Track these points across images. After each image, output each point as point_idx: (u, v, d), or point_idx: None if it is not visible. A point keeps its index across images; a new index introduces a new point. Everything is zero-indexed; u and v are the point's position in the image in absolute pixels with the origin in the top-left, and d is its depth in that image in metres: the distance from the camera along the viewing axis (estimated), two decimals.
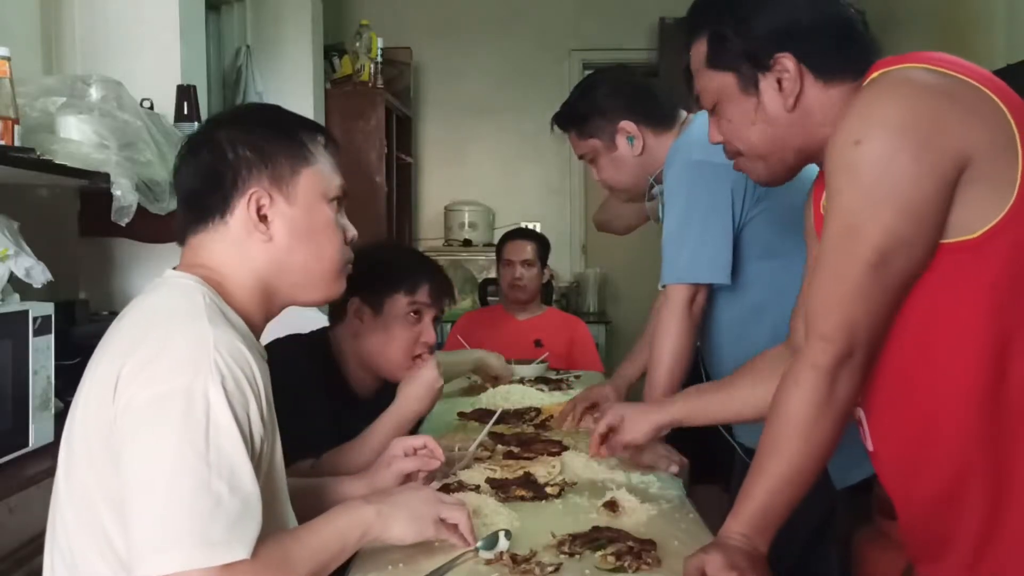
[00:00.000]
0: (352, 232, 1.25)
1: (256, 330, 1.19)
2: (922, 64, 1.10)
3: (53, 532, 1.13)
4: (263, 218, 1.16)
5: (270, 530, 1.04)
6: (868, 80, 1.13)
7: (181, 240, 1.22)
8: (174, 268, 1.20)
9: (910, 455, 1.15)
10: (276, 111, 1.28)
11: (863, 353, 1.11)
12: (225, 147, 1.17)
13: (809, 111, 1.20)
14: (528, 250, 3.36)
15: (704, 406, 1.58)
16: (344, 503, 1.23)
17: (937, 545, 1.16)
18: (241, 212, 1.16)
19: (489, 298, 4.60)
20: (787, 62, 1.19)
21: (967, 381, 1.07)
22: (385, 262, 1.84)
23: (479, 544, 1.29)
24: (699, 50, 1.27)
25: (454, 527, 1.27)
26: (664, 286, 1.84)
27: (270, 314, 1.22)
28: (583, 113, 1.98)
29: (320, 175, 1.21)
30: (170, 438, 0.97)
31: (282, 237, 1.17)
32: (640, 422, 1.62)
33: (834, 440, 1.13)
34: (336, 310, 1.86)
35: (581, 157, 2.06)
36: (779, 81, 1.20)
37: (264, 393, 1.08)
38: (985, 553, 1.10)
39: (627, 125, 1.93)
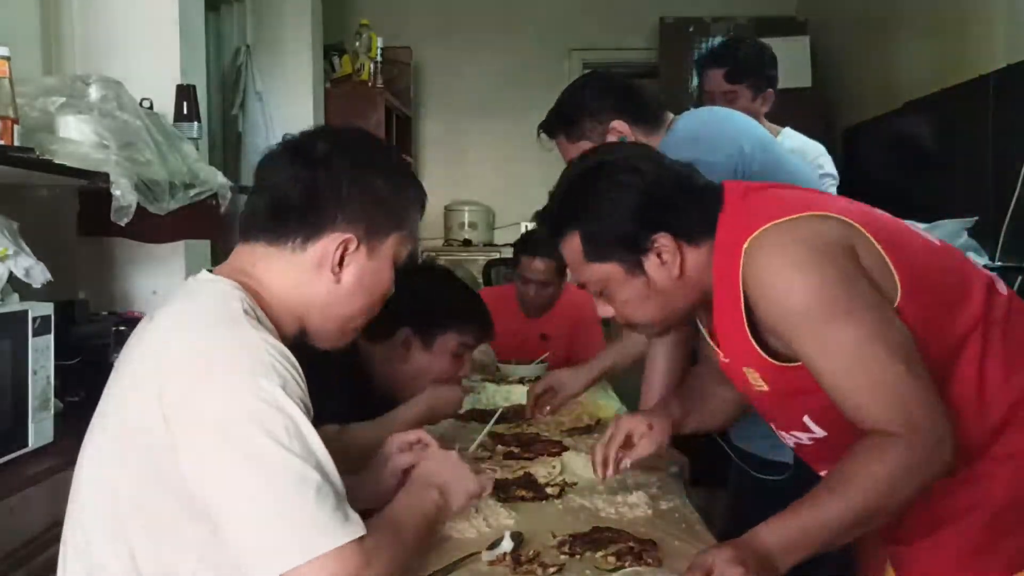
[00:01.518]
0: (392, 289, 1.25)
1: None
2: (777, 218, 1.20)
3: (73, 532, 1.12)
4: (341, 261, 1.15)
5: None
6: (755, 241, 1.20)
7: (246, 238, 1.19)
8: (211, 269, 1.18)
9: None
10: (395, 158, 1.28)
11: (954, 437, 1.14)
12: (342, 181, 1.15)
13: (689, 273, 1.29)
14: (549, 270, 3.22)
15: (702, 403, 1.59)
16: (408, 490, 1.26)
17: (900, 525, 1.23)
18: (324, 247, 1.14)
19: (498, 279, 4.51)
20: (663, 239, 1.27)
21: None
22: (440, 299, 1.90)
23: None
24: (572, 247, 1.33)
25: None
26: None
27: (291, 336, 1.21)
28: (572, 115, 1.95)
29: (403, 242, 1.21)
30: (254, 443, 0.98)
31: (348, 284, 1.16)
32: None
33: (903, 510, 1.16)
34: (378, 330, 1.81)
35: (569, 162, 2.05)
36: (659, 255, 1.28)
37: (305, 387, 1.09)
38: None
39: (618, 125, 1.90)
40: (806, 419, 1.28)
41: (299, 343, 1.22)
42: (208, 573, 1.03)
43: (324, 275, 1.15)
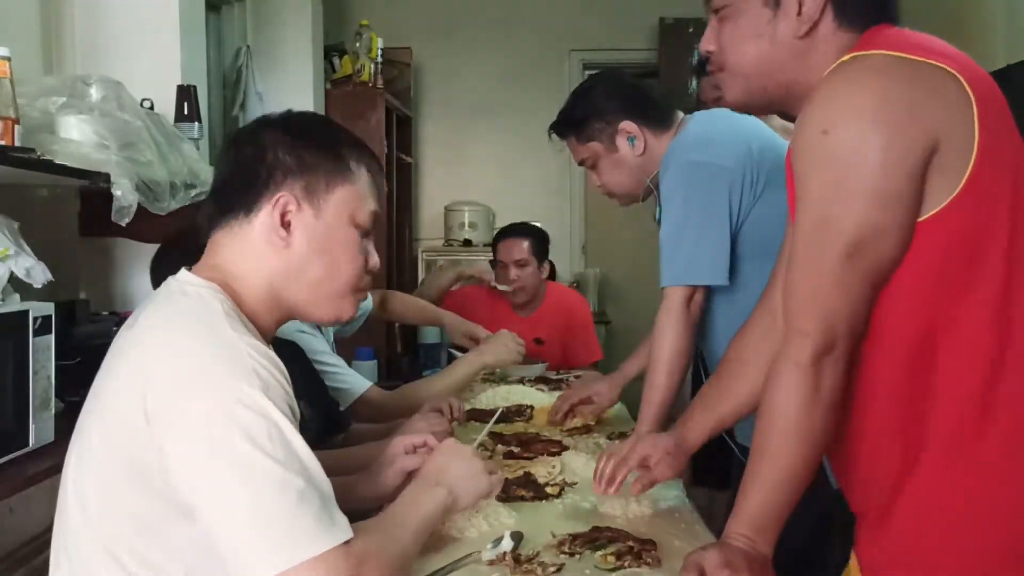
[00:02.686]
0: (374, 260, 1.24)
1: (266, 336, 1.18)
2: (891, 50, 1.08)
3: (61, 533, 1.13)
4: (286, 225, 1.15)
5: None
6: (836, 66, 1.10)
7: (206, 234, 1.21)
8: (189, 268, 1.19)
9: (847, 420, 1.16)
10: (328, 124, 1.27)
11: (845, 344, 1.09)
12: (267, 147, 1.17)
13: (813, 47, 1.16)
14: (522, 248, 3.22)
15: (712, 416, 1.53)
16: (415, 487, 1.27)
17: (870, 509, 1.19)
18: (266, 214, 1.15)
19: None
20: None
21: (896, 356, 1.09)
22: None
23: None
24: None
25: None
26: (663, 288, 1.84)
27: (279, 322, 1.22)
28: (582, 117, 1.97)
29: (354, 195, 1.20)
30: (236, 450, 0.98)
31: (300, 247, 1.16)
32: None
33: (825, 433, 1.12)
34: None
35: (581, 163, 2.05)
36: (800, 4, 1.15)
37: (290, 390, 1.09)
38: (893, 511, 1.13)
39: (628, 126, 1.92)
40: None
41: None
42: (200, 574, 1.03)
43: (274, 243, 1.15)
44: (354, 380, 2.15)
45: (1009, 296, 1.05)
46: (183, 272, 1.18)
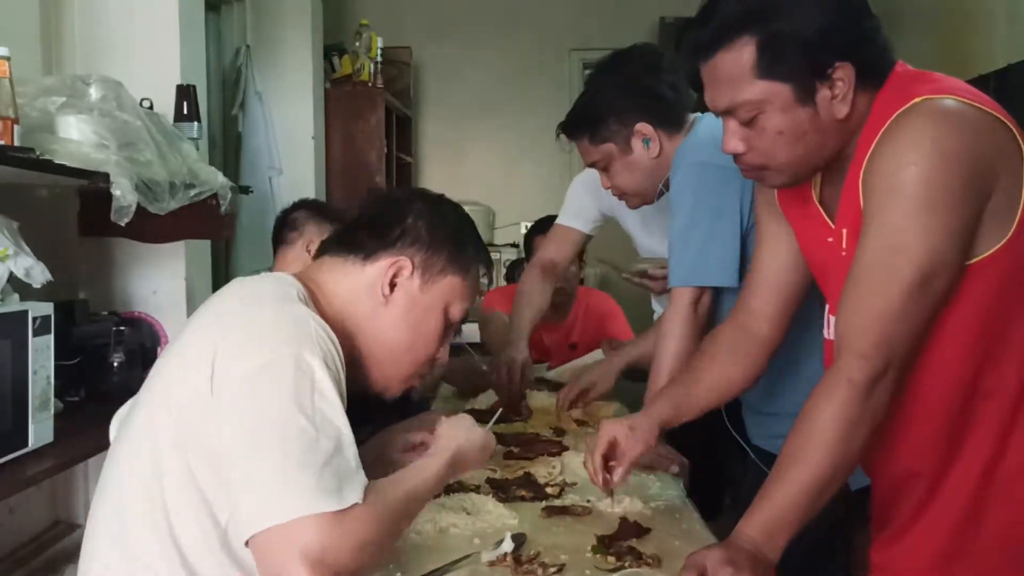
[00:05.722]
0: (443, 358, 1.28)
1: None
2: (954, 95, 1.12)
3: (103, 499, 1.13)
4: (392, 285, 1.21)
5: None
6: (910, 107, 1.12)
7: (320, 254, 1.27)
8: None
9: (889, 431, 1.20)
10: (468, 219, 1.34)
11: (897, 370, 1.13)
12: (409, 212, 1.24)
13: (850, 117, 1.18)
14: None
15: (687, 397, 1.54)
16: (418, 462, 1.25)
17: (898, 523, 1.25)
18: (381, 267, 1.21)
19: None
20: (845, 71, 1.15)
21: (947, 383, 1.17)
22: None
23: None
24: (739, 56, 1.17)
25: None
26: (670, 288, 1.82)
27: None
28: (597, 117, 1.92)
29: (458, 289, 1.25)
30: (280, 398, 1.00)
31: (396, 310, 1.21)
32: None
33: (860, 454, 1.15)
34: None
35: (592, 164, 2.00)
36: (831, 89, 1.16)
37: (343, 378, 1.11)
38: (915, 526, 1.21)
39: (644, 127, 1.88)
40: None
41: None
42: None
43: (375, 295, 1.21)
44: None
45: None
46: (277, 272, 1.24)
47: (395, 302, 1.21)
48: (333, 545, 0.97)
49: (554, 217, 3.26)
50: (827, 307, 1.32)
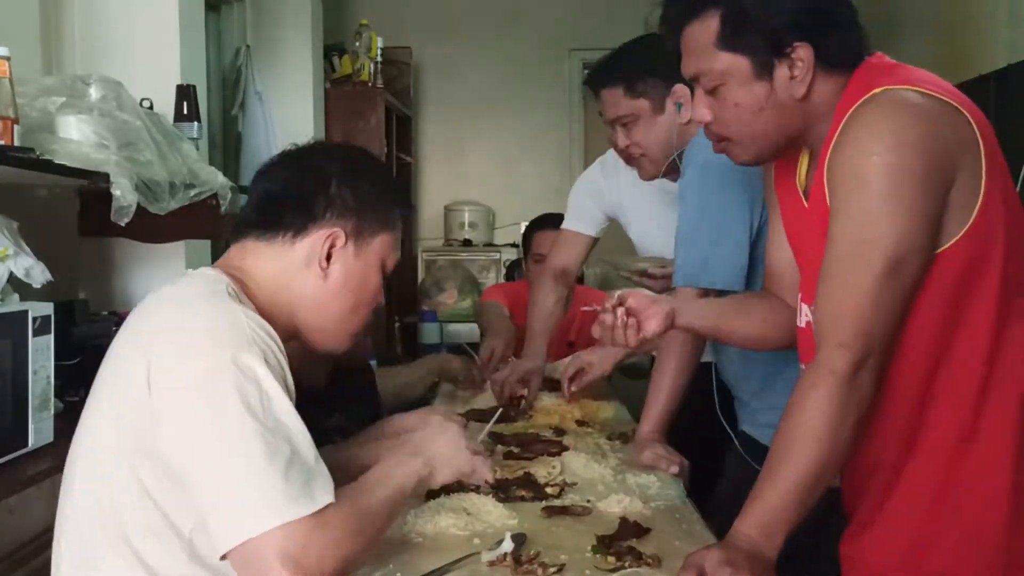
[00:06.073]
0: (382, 301, 1.29)
1: None
2: (914, 86, 1.15)
3: (62, 527, 1.13)
4: (328, 256, 1.19)
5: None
6: (869, 97, 1.15)
7: (238, 236, 1.23)
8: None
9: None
10: (382, 166, 1.33)
11: (878, 357, 1.14)
12: (331, 180, 1.20)
13: (813, 100, 1.22)
14: None
15: (700, 308, 1.59)
16: (389, 458, 1.26)
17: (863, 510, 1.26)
18: (313, 242, 1.19)
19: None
20: (804, 51, 1.20)
21: (911, 370, 1.18)
22: None
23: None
24: (706, 28, 1.23)
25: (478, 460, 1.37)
26: (674, 288, 1.80)
27: (285, 339, 1.20)
28: (643, 69, 1.86)
29: (390, 244, 1.26)
30: (230, 410, 0.99)
31: (335, 281, 1.21)
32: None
33: (849, 445, 1.15)
34: None
35: (613, 120, 1.93)
36: (790, 68, 1.20)
37: (288, 370, 1.10)
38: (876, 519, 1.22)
39: (682, 91, 1.83)
40: None
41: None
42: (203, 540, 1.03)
43: (312, 271, 1.19)
44: None
45: (1002, 312, 1.16)
46: (201, 268, 1.21)
47: (333, 273, 1.20)
48: (312, 548, 0.97)
49: (553, 215, 3.29)
50: (799, 295, 1.32)
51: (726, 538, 1.15)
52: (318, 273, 1.19)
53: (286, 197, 1.21)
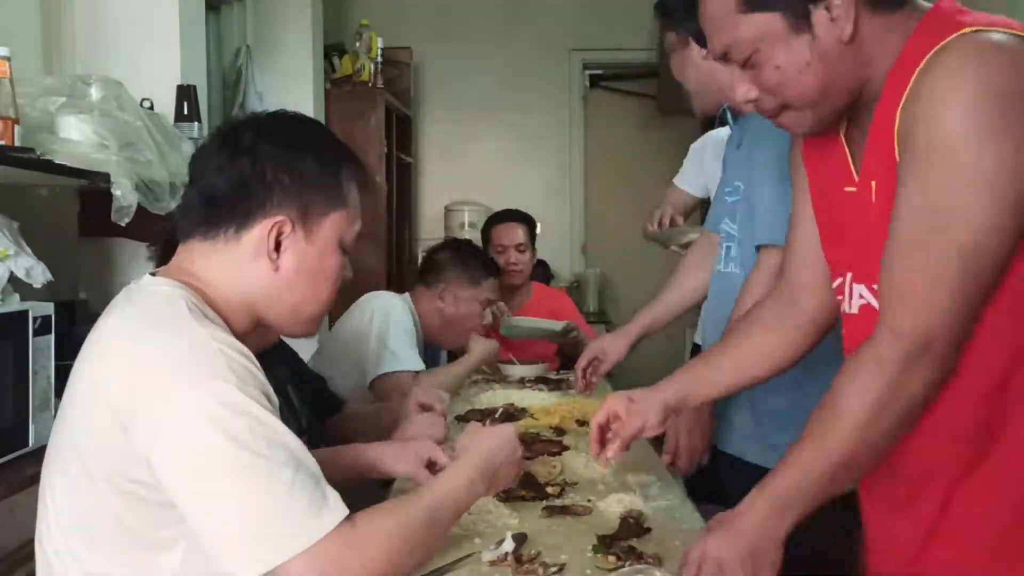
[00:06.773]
0: (349, 273, 1.22)
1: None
2: (1006, 28, 0.98)
3: (40, 544, 1.13)
4: (277, 246, 1.13)
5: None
6: (950, 40, 0.98)
7: (183, 236, 1.17)
8: (153, 272, 1.17)
9: None
10: (325, 138, 1.22)
11: (942, 351, 1.00)
12: (266, 166, 1.12)
13: (862, 43, 1.06)
14: (520, 234, 3.30)
15: (708, 374, 1.43)
16: (450, 477, 1.24)
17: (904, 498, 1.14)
18: (258, 234, 1.12)
19: None
20: None
21: (987, 369, 1.04)
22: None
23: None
24: None
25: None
26: (757, 247, 1.67)
27: (246, 331, 1.18)
28: None
29: (345, 219, 1.18)
30: (220, 451, 0.97)
31: (288, 270, 1.14)
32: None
33: (890, 441, 1.05)
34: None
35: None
36: (828, 9, 1.04)
37: (262, 376, 1.07)
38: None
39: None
40: None
41: None
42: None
43: (262, 264, 1.13)
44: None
45: None
46: (146, 276, 1.16)
47: (285, 263, 1.13)
48: (338, 568, 0.98)
49: (512, 210, 3.43)
50: (844, 276, 1.17)
51: (733, 513, 1.10)
52: (269, 265, 1.13)
53: (222, 191, 1.12)
